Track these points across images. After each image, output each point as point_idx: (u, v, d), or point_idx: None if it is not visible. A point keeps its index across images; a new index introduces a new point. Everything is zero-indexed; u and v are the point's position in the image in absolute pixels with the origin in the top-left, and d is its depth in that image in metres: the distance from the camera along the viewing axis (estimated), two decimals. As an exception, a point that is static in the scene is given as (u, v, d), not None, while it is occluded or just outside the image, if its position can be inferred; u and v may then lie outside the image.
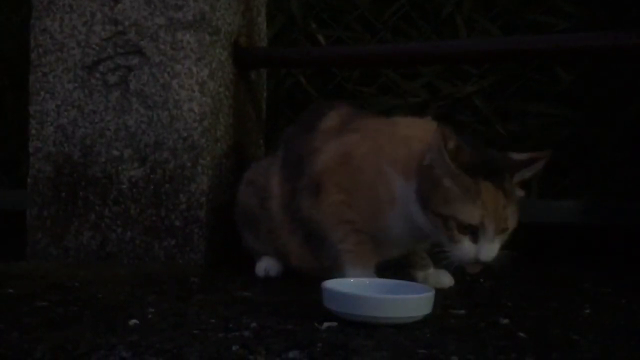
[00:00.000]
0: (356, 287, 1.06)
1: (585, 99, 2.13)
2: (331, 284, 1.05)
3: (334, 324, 0.98)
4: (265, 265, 1.37)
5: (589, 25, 2.11)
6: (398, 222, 1.18)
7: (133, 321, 0.99)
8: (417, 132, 1.19)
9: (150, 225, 1.47)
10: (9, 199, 2.33)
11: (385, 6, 2.26)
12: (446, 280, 1.29)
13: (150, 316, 1.03)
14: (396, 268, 1.27)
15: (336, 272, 1.20)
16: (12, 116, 2.47)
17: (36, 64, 1.52)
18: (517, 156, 1.15)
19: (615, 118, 2.10)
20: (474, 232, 1.07)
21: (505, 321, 1.04)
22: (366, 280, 1.12)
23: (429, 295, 1.01)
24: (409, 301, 1.01)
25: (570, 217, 2.02)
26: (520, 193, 1.13)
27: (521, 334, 0.96)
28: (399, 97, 2.23)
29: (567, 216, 2.03)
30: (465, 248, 1.08)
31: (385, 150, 1.20)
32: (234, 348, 0.87)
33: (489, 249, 1.08)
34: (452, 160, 1.08)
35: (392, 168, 1.18)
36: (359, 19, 2.27)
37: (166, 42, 1.46)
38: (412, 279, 1.26)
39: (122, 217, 1.48)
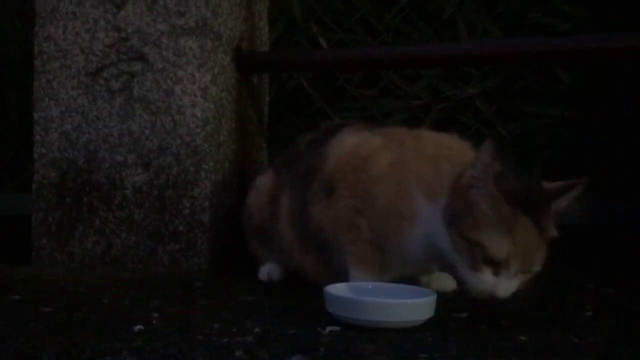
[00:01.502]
0: (358, 292, 1.07)
1: (586, 100, 2.14)
2: (334, 288, 1.05)
3: (337, 328, 0.99)
4: (269, 270, 1.38)
5: (590, 26, 2.12)
6: (415, 242, 1.12)
7: (137, 326, 1.00)
8: (446, 152, 1.13)
9: (154, 230, 1.48)
10: (14, 204, 2.35)
11: (386, 8, 2.27)
12: (449, 283, 1.29)
13: (154, 321, 1.04)
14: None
15: (342, 274, 1.20)
16: (16, 121, 2.48)
17: (40, 71, 1.53)
18: (550, 185, 1.07)
19: (616, 119, 2.10)
20: (497, 265, 1.01)
21: (506, 324, 1.05)
22: (368, 285, 1.12)
23: (431, 299, 1.02)
24: (411, 305, 1.01)
25: (572, 218, 2.03)
26: (554, 232, 1.04)
27: (522, 337, 0.97)
28: (401, 99, 2.24)
29: (569, 217, 2.03)
30: (484, 279, 1.01)
31: (409, 168, 1.14)
32: (237, 353, 0.88)
33: (507, 286, 1.01)
34: (496, 184, 1.00)
35: (416, 187, 1.12)
36: (360, 22, 2.28)
37: (169, 48, 1.47)
38: (414, 282, 1.26)
39: (126, 222, 1.49)
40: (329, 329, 0.99)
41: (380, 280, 1.16)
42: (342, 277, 1.19)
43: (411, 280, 1.26)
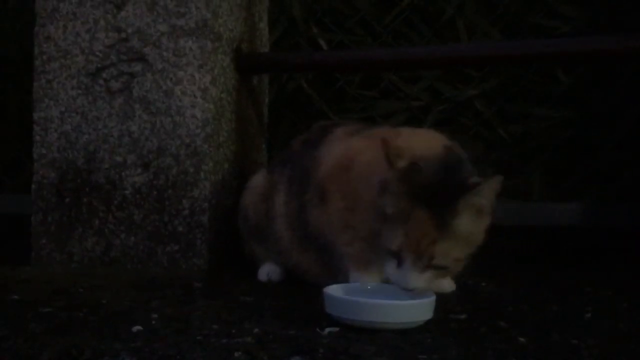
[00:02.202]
0: (358, 293, 1.07)
1: (586, 102, 2.14)
2: (333, 289, 1.06)
3: (336, 329, 0.99)
4: (268, 270, 1.38)
5: (590, 28, 2.12)
6: None
7: (137, 327, 1.00)
8: (415, 145, 1.14)
9: (153, 231, 1.48)
10: (13, 204, 2.35)
11: (386, 10, 2.27)
12: (447, 285, 1.29)
13: (153, 322, 1.04)
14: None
15: (341, 276, 1.20)
16: (15, 121, 2.49)
17: (40, 71, 1.53)
18: (471, 180, 1.08)
19: (616, 120, 2.10)
20: (396, 257, 1.05)
21: (506, 326, 1.05)
22: (368, 286, 1.12)
23: (430, 300, 1.02)
24: (410, 306, 1.01)
25: (572, 220, 2.03)
26: (465, 227, 1.05)
27: (521, 339, 0.97)
28: (401, 101, 2.24)
29: (569, 218, 2.04)
30: (390, 270, 1.07)
31: (382, 163, 1.15)
32: (236, 354, 0.88)
33: (411, 277, 1.04)
34: (400, 181, 1.05)
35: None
36: (361, 23, 2.28)
37: (169, 49, 1.47)
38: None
39: (126, 223, 1.49)
40: (328, 330, 0.99)
41: (379, 281, 1.16)
42: (342, 278, 1.19)
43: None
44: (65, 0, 1.51)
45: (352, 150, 1.23)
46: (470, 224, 1.06)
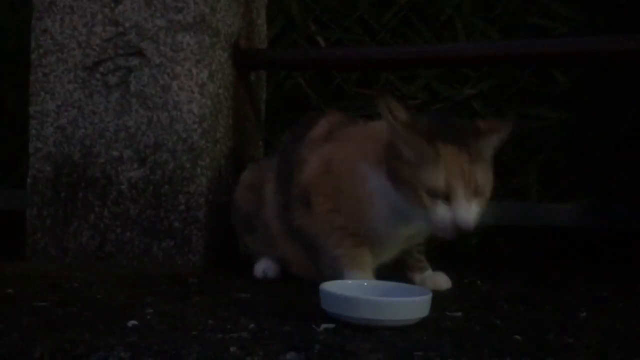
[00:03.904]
0: (354, 290, 1.07)
1: (584, 102, 2.14)
2: (329, 286, 1.05)
3: (332, 325, 0.99)
4: (264, 267, 1.38)
5: (588, 28, 2.12)
6: (381, 218, 1.17)
7: (132, 322, 1.00)
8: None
9: (149, 226, 1.47)
10: (8, 198, 2.34)
11: (384, 8, 2.27)
12: (443, 282, 1.29)
13: (149, 317, 1.03)
14: (394, 271, 1.28)
15: (336, 277, 1.21)
16: (11, 115, 2.48)
17: (37, 65, 1.52)
18: (483, 123, 1.14)
19: (614, 121, 2.11)
20: (445, 197, 1.06)
21: (501, 324, 1.05)
22: (364, 283, 1.12)
23: (426, 297, 1.02)
24: (406, 304, 1.01)
25: (569, 220, 2.03)
26: (487, 159, 1.12)
27: (517, 337, 0.97)
28: (398, 99, 2.23)
29: (565, 219, 2.04)
30: (441, 213, 1.07)
31: (358, 150, 1.20)
32: (232, 349, 0.87)
33: (466, 213, 1.06)
34: (406, 129, 1.08)
35: (364, 164, 1.18)
36: (359, 21, 2.28)
37: (166, 44, 1.47)
38: (409, 281, 1.27)
39: (122, 218, 1.48)
40: (323, 326, 0.98)
41: (374, 278, 1.16)
42: (328, 273, 1.20)
43: (405, 279, 1.27)
44: (63, -7, 1.50)
45: (327, 156, 1.25)
46: (489, 157, 1.12)
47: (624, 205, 1.99)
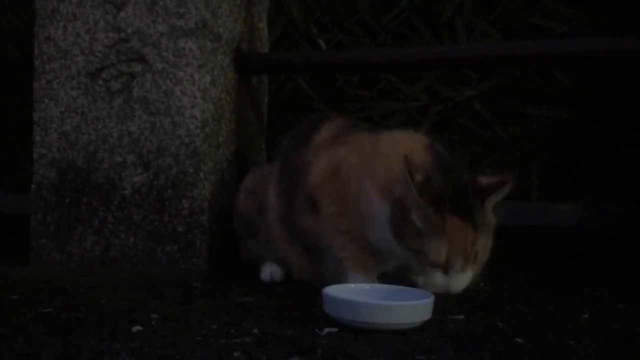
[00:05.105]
0: (356, 293, 1.08)
1: (584, 102, 2.14)
2: (332, 290, 1.06)
3: (334, 329, 0.99)
4: (271, 270, 1.38)
5: (589, 28, 2.12)
6: (379, 239, 1.17)
7: (136, 327, 1.00)
8: (399, 150, 1.16)
9: (153, 231, 1.48)
10: (13, 203, 2.35)
11: (385, 10, 2.28)
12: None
13: (153, 322, 1.04)
14: (397, 273, 1.28)
15: (339, 279, 1.21)
16: (15, 121, 2.49)
17: (40, 71, 1.53)
18: (485, 180, 1.13)
19: (614, 121, 2.11)
20: (444, 269, 1.08)
21: (503, 326, 1.05)
22: (366, 286, 1.13)
23: (429, 301, 1.03)
24: (408, 307, 1.02)
25: (569, 220, 2.03)
26: (493, 221, 1.12)
27: (518, 339, 0.98)
28: (400, 101, 2.24)
29: (566, 219, 2.04)
30: (436, 281, 1.08)
31: (367, 167, 1.20)
32: (235, 354, 0.88)
33: (459, 281, 1.09)
34: (420, 194, 1.06)
35: (372, 187, 1.17)
36: (360, 23, 2.29)
37: (168, 50, 1.48)
38: (412, 284, 1.27)
39: (125, 223, 1.49)
40: (326, 330, 0.99)
41: (377, 281, 1.17)
42: (329, 277, 1.21)
43: (408, 282, 1.27)
44: (65, 0, 1.51)
45: (336, 160, 1.25)
46: (492, 217, 1.12)
47: (625, 205, 2.00)
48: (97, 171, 1.51)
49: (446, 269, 1.08)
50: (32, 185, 1.53)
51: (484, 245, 1.10)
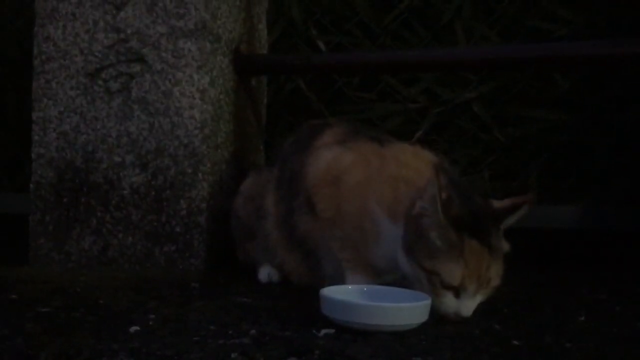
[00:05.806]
0: (354, 295, 1.08)
1: (583, 105, 2.15)
2: (329, 291, 1.06)
3: (332, 331, 0.99)
4: (269, 271, 1.38)
5: (588, 31, 2.13)
6: (382, 257, 1.16)
7: (134, 327, 1.01)
8: (404, 173, 1.16)
9: (151, 231, 1.48)
10: (11, 203, 2.35)
11: (385, 12, 2.28)
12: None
13: (151, 322, 1.04)
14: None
15: (327, 280, 1.22)
16: (14, 121, 2.49)
17: (39, 71, 1.53)
18: (498, 204, 1.11)
19: (613, 123, 2.11)
20: (456, 292, 1.06)
21: (500, 328, 1.06)
22: (364, 288, 1.13)
23: (426, 303, 1.03)
24: (405, 309, 1.02)
25: (568, 222, 2.04)
26: (505, 246, 1.09)
27: (515, 342, 0.98)
28: (398, 103, 2.25)
29: (565, 221, 2.05)
30: (447, 303, 1.06)
31: (372, 187, 1.17)
32: (233, 355, 0.88)
33: (469, 305, 1.06)
34: (444, 213, 1.04)
35: (378, 207, 1.16)
36: (359, 25, 2.29)
37: (168, 50, 1.48)
38: (409, 286, 1.27)
39: (124, 223, 1.49)
40: (324, 331, 0.99)
41: (375, 283, 1.17)
42: (327, 282, 1.20)
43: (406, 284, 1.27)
44: (65, 0, 1.51)
45: (339, 165, 1.24)
46: (505, 243, 1.10)
47: (624, 207, 2.00)
48: (96, 171, 1.51)
49: (458, 292, 1.05)
50: (31, 185, 1.54)
51: (497, 269, 1.07)
